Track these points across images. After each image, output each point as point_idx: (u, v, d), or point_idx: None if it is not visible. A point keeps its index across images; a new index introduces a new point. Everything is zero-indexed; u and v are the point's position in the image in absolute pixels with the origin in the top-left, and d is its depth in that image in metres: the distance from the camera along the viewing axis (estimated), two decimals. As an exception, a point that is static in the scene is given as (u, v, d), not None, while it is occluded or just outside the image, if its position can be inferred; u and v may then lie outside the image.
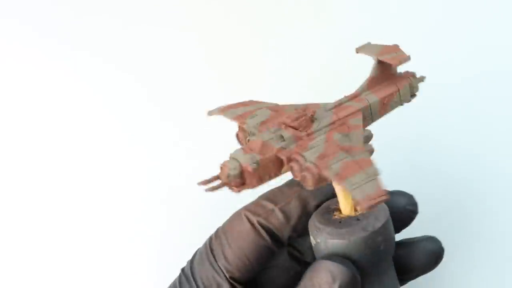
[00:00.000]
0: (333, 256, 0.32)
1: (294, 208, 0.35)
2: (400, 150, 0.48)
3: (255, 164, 0.30)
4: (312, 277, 0.31)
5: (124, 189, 0.47)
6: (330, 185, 0.34)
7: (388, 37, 0.48)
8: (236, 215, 0.36)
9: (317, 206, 0.35)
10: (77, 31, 0.49)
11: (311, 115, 0.32)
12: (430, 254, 0.36)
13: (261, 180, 0.31)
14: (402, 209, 0.35)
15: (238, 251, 0.35)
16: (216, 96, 0.47)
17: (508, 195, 0.48)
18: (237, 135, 0.35)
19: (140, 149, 0.48)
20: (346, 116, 0.33)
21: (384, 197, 0.28)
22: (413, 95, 0.36)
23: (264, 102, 0.36)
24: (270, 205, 0.35)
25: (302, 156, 0.30)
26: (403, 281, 0.37)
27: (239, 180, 0.31)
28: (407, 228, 0.37)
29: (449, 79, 0.49)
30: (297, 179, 0.31)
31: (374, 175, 0.29)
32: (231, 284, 0.34)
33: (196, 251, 0.36)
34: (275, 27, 0.50)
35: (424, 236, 0.37)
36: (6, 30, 0.49)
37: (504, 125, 0.49)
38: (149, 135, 0.48)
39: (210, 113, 0.35)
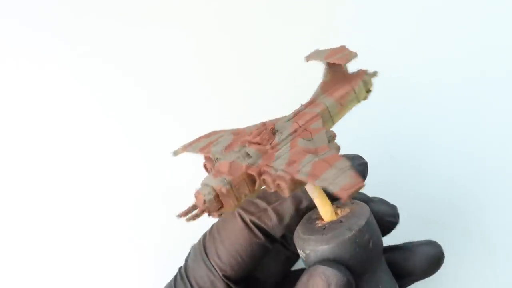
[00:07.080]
0: (326, 261, 0.31)
1: (287, 208, 0.35)
2: (395, 151, 0.47)
3: (228, 185, 0.31)
4: (307, 282, 0.31)
5: (123, 189, 0.47)
6: None
7: (387, 38, 0.48)
8: (230, 213, 0.36)
9: (309, 207, 0.35)
10: (77, 31, 0.48)
11: (271, 128, 0.33)
12: (431, 259, 0.35)
13: (238, 200, 0.31)
14: (380, 218, 0.35)
15: (231, 249, 0.34)
16: (215, 98, 0.48)
17: (507, 196, 0.46)
18: (204, 166, 0.35)
19: (139, 149, 0.48)
20: (306, 122, 0.33)
21: (360, 184, 0.28)
22: (368, 91, 0.35)
23: (225, 130, 0.36)
24: (263, 204, 0.35)
25: (272, 167, 0.31)
26: (402, 286, 0.36)
27: (216, 204, 0.31)
28: (406, 230, 0.37)
29: (449, 79, 0.48)
30: (272, 190, 0.31)
31: (345, 167, 0.29)
32: (225, 283, 0.34)
33: (191, 248, 0.36)
34: (273, 34, 0.50)
35: (424, 240, 0.36)
36: (6, 30, 0.48)
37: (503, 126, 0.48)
38: (148, 135, 0.48)
39: (175, 152, 0.35)
